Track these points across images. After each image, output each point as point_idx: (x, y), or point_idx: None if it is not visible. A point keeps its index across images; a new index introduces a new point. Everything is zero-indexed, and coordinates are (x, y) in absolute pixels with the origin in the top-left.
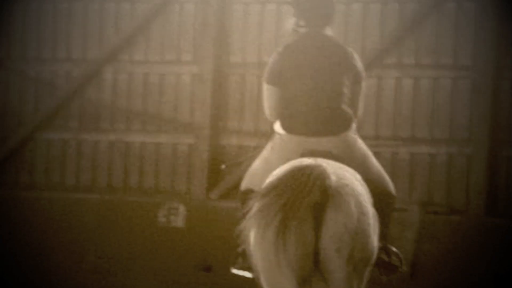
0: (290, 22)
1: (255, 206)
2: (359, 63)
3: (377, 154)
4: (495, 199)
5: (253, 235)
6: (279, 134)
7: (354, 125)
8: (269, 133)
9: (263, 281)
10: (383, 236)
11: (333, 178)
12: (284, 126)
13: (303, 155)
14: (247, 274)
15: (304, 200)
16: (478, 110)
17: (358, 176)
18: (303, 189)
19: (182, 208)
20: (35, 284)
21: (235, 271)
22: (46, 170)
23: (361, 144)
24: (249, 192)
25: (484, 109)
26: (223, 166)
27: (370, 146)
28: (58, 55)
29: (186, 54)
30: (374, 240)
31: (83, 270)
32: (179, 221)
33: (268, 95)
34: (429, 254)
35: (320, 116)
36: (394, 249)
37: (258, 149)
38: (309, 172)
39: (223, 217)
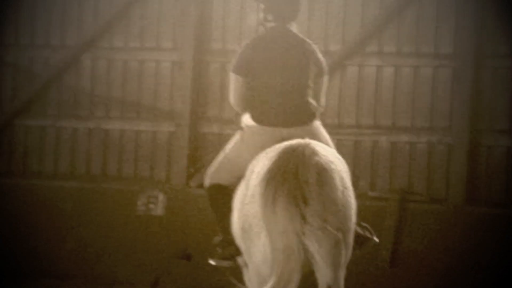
0: (258, 17)
1: (259, 184)
2: (322, 58)
3: (357, 143)
4: (475, 188)
5: (260, 212)
6: (249, 126)
7: (318, 116)
8: (234, 121)
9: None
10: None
11: (321, 156)
12: (255, 118)
13: (275, 143)
14: (226, 264)
15: (300, 177)
16: (458, 98)
17: (337, 155)
18: (299, 166)
19: (161, 196)
20: (12, 271)
21: (213, 262)
22: (24, 158)
23: (323, 131)
24: (217, 187)
25: (464, 98)
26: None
27: (351, 135)
28: (37, 41)
29: (166, 41)
30: (354, 213)
31: (62, 258)
32: (158, 209)
33: (234, 85)
34: (409, 243)
35: (289, 108)
36: (363, 223)
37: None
38: (301, 150)
39: (203, 205)
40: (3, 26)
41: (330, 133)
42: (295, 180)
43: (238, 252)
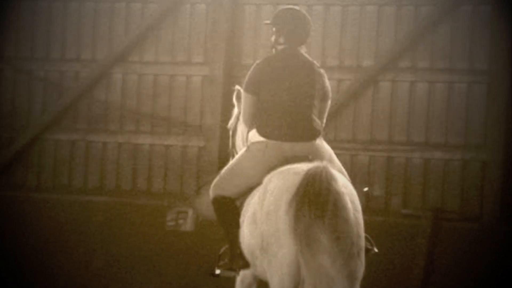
0: (272, 39)
1: (284, 204)
2: (327, 82)
3: (390, 159)
4: (510, 206)
5: (284, 228)
6: (255, 142)
7: (321, 134)
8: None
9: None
10: None
11: (338, 180)
12: (262, 133)
13: (283, 158)
14: (232, 274)
15: (321, 200)
16: (493, 115)
17: (346, 177)
18: (319, 190)
19: (191, 212)
20: (40, 285)
21: (219, 272)
22: (53, 172)
23: (326, 146)
24: (221, 199)
25: (499, 114)
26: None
27: (383, 151)
28: (67, 56)
29: (197, 55)
30: (363, 233)
31: (90, 273)
32: (187, 225)
33: (245, 103)
34: (442, 261)
35: (295, 124)
36: (365, 234)
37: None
38: (323, 174)
39: None
40: (34, 41)
41: (362, 149)
42: (318, 203)
43: (246, 265)
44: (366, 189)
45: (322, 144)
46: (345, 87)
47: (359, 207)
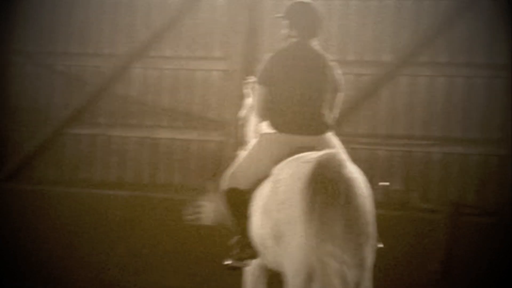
0: (284, 32)
1: (298, 192)
2: (339, 75)
3: (409, 154)
4: None
5: (298, 216)
6: (267, 133)
7: (331, 128)
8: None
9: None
10: None
11: (348, 166)
12: (274, 125)
13: (293, 150)
14: (242, 265)
15: (332, 187)
16: None
17: (356, 166)
18: (331, 177)
19: (210, 206)
20: (61, 280)
21: (229, 262)
22: (74, 166)
23: (336, 141)
24: (234, 190)
25: None
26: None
27: (402, 146)
28: (88, 50)
29: (216, 50)
30: (373, 219)
31: (110, 267)
32: (207, 218)
33: (258, 94)
34: (461, 256)
35: (306, 118)
36: None
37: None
38: (334, 162)
39: None
40: (55, 35)
41: (381, 143)
42: (331, 190)
43: (255, 254)
44: (385, 183)
45: (331, 138)
46: (364, 82)
47: (368, 193)
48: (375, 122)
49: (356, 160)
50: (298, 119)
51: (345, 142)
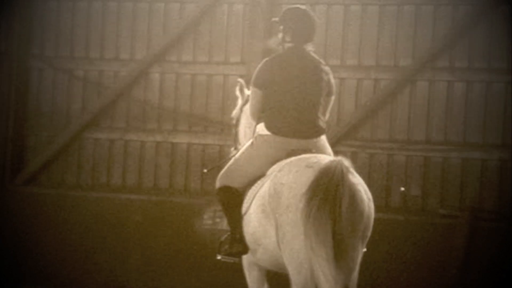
0: (277, 37)
1: (303, 197)
2: (333, 79)
3: (427, 159)
4: None
5: (303, 219)
6: (262, 135)
7: (325, 130)
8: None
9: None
10: None
11: (352, 172)
12: (269, 128)
13: (288, 152)
14: (232, 260)
15: (338, 193)
16: None
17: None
18: (339, 183)
19: None
20: (80, 284)
21: (220, 257)
22: (92, 170)
23: (328, 145)
24: (227, 189)
25: None
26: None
27: (420, 151)
28: (106, 55)
29: (234, 55)
30: (372, 222)
31: (128, 270)
32: (224, 223)
33: (253, 97)
34: (479, 261)
35: (301, 121)
36: None
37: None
38: (340, 168)
39: None
40: (74, 40)
41: (399, 148)
42: (335, 195)
43: (245, 250)
44: (403, 189)
45: (325, 142)
46: (382, 87)
47: (370, 196)
48: (393, 127)
49: (374, 165)
50: (294, 123)
51: (363, 147)
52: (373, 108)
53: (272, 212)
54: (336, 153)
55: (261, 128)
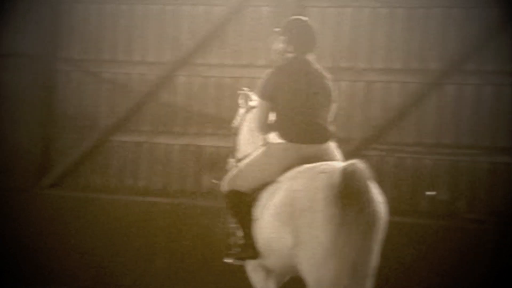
0: (279, 47)
1: (326, 202)
2: (333, 87)
3: (455, 163)
4: None
5: (321, 223)
6: (276, 143)
7: (334, 135)
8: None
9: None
10: None
11: (367, 174)
12: (283, 136)
13: (300, 159)
14: (241, 263)
15: (360, 196)
16: None
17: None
18: (353, 185)
19: None
20: (105, 285)
21: (229, 260)
22: (119, 173)
23: (337, 149)
24: (236, 193)
25: None
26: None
27: (449, 155)
28: (133, 58)
29: (260, 58)
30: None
31: (153, 273)
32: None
33: (260, 110)
34: (507, 266)
35: (312, 128)
36: None
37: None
38: (359, 172)
39: None
40: (101, 43)
41: (427, 152)
42: (356, 198)
43: (256, 255)
44: (431, 193)
45: (334, 146)
46: (411, 90)
47: (382, 200)
48: (422, 130)
49: (402, 169)
50: (306, 129)
51: (391, 151)
52: (401, 112)
53: (288, 218)
54: (363, 157)
55: (273, 137)
